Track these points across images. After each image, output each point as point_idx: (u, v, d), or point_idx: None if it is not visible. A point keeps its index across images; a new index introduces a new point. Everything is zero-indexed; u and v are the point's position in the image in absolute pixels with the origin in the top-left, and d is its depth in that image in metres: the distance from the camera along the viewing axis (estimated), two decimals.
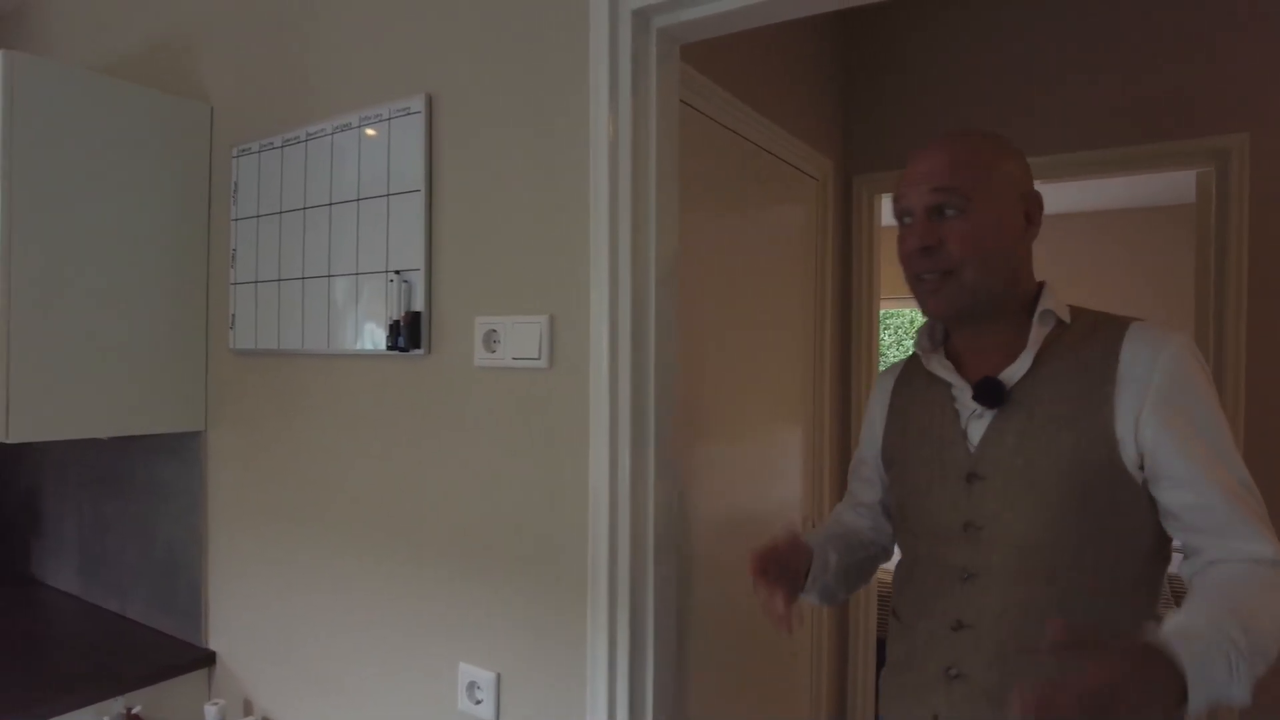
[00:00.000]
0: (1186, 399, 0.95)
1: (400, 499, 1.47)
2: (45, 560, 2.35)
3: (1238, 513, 0.93)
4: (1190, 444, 0.94)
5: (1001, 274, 1.03)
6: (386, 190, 1.45)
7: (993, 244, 1.02)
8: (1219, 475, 0.94)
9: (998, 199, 1.02)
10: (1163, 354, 0.96)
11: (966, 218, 1.01)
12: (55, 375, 1.61)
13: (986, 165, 1.03)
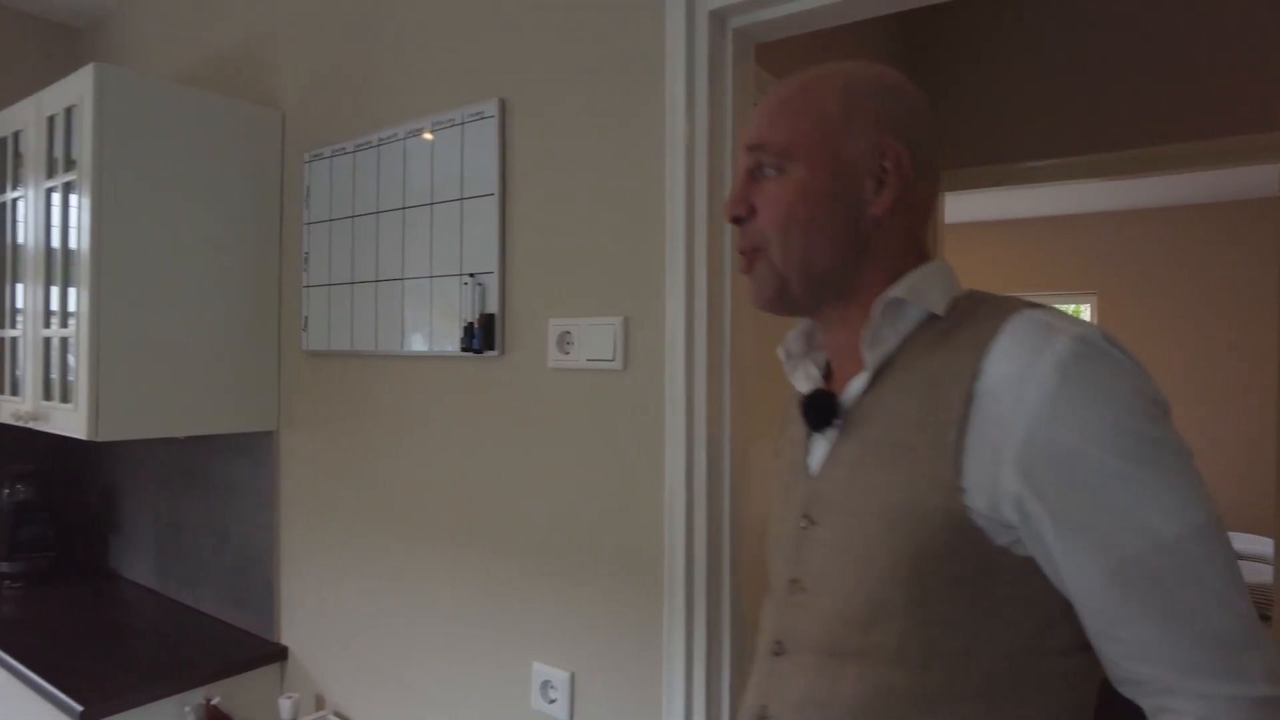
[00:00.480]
0: (1074, 437, 0.62)
1: (472, 499, 1.49)
2: (122, 554, 2.43)
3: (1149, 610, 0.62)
4: (1077, 513, 0.62)
5: (828, 252, 0.76)
6: (460, 194, 1.47)
7: (810, 213, 0.75)
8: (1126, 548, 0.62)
9: (831, 155, 0.75)
10: (1041, 363, 0.64)
11: (780, 180, 0.77)
12: (138, 377, 1.66)
13: (820, 111, 0.76)
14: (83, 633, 1.95)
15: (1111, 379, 0.63)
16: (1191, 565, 0.60)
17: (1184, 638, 0.61)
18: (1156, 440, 0.62)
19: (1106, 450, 0.61)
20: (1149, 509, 0.61)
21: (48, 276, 1.76)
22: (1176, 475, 0.62)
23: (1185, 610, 0.61)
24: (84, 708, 1.54)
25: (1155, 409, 0.63)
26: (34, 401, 1.79)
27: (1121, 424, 0.62)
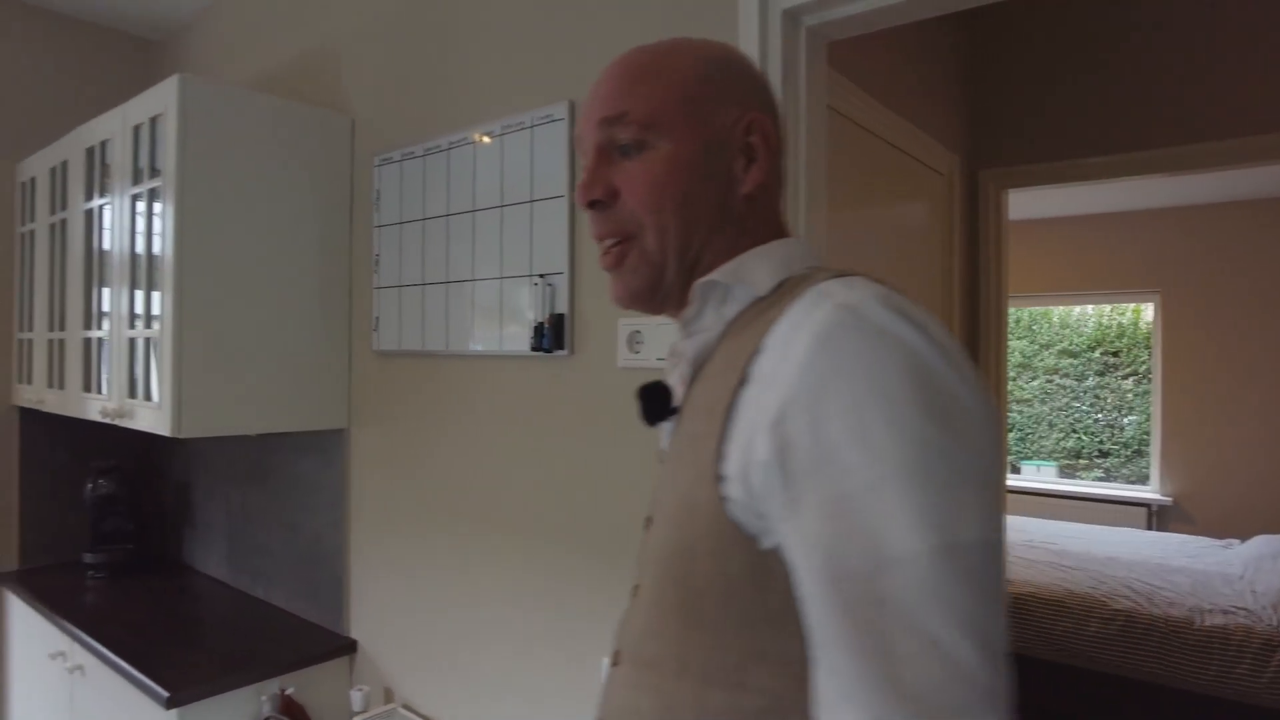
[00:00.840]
0: (822, 420, 0.52)
1: (542, 496, 1.51)
2: (195, 548, 2.51)
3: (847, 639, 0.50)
4: (808, 507, 0.52)
5: (703, 235, 0.68)
6: (530, 196, 1.49)
7: (683, 191, 0.67)
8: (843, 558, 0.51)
9: (700, 127, 0.67)
10: (800, 334, 0.55)
11: (645, 157, 0.68)
12: (217, 377, 1.72)
13: (682, 80, 0.68)
14: (162, 622, 2.02)
15: (876, 357, 0.52)
16: (918, 596, 0.48)
17: (874, 682, 0.49)
18: (919, 436, 0.50)
19: (851, 437, 0.51)
20: (881, 515, 0.49)
21: (132, 280, 1.83)
22: (935, 482, 0.49)
23: (884, 650, 0.48)
24: (170, 694, 1.60)
25: (934, 399, 0.51)
26: (119, 399, 1.86)
27: (874, 409, 0.51)
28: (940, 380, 0.52)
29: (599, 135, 0.70)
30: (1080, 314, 5.33)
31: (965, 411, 0.52)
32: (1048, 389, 5.39)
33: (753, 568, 0.57)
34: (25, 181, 2.40)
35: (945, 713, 0.47)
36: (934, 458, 0.50)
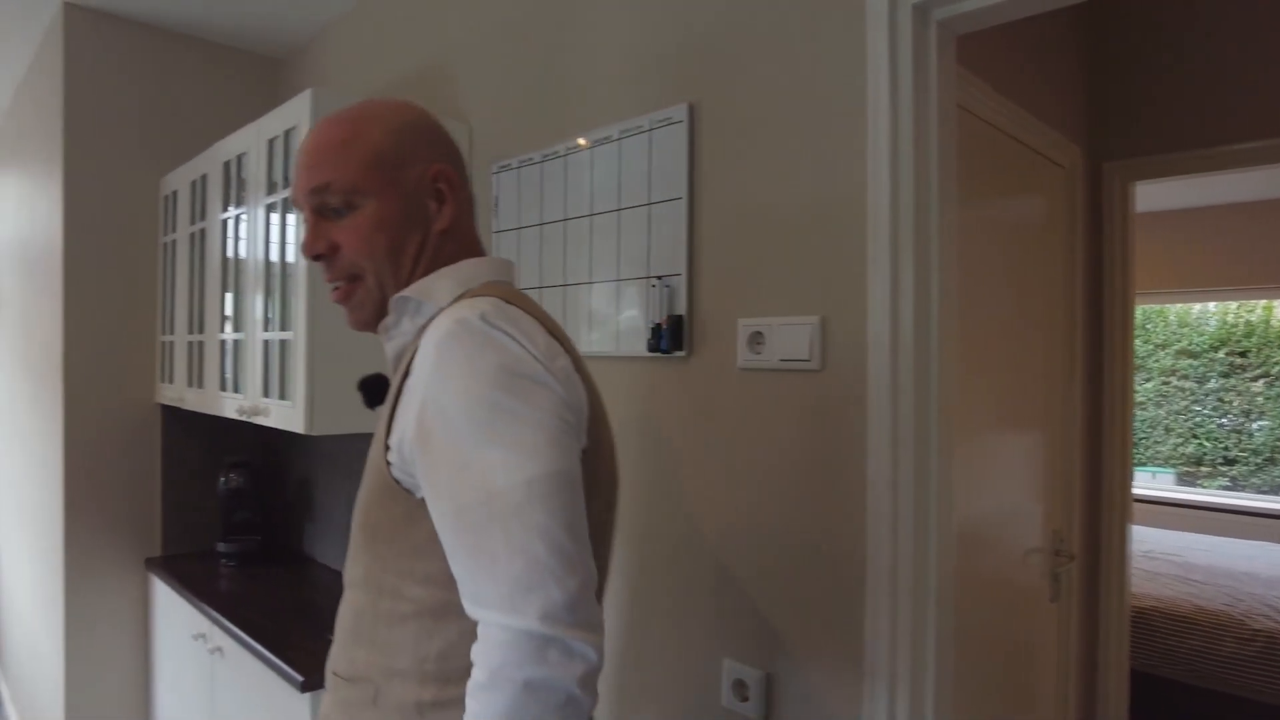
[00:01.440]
0: (438, 398, 0.76)
1: (659, 495, 1.52)
2: (315, 540, 2.64)
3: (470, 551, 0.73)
4: (436, 463, 0.76)
5: (409, 268, 0.89)
6: (648, 199, 1.50)
7: (391, 238, 0.87)
8: (461, 496, 0.73)
9: (395, 185, 0.87)
10: (430, 341, 0.79)
11: (355, 215, 0.87)
12: (342, 378, 1.80)
13: (373, 148, 0.87)
14: (290, 609, 2.13)
15: (475, 353, 0.76)
16: (506, 516, 0.71)
17: (485, 575, 0.72)
18: (505, 407, 0.74)
19: (461, 413, 0.75)
20: (483, 465, 0.73)
21: (266, 285, 1.94)
22: (516, 437, 0.73)
23: (490, 553, 0.72)
24: (304, 678, 1.68)
25: (514, 380, 0.75)
26: (255, 398, 1.97)
27: (474, 392, 0.75)
28: (515, 365, 0.76)
29: (312, 201, 0.88)
30: (1201, 311, 5.01)
31: (537, 386, 0.76)
32: (1164, 391, 5.09)
33: (408, 512, 0.82)
34: (168, 195, 2.58)
35: (526, 588, 0.70)
36: (509, 420, 0.74)
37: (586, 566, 0.74)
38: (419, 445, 0.77)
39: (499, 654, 0.70)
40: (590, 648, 0.71)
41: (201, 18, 2.58)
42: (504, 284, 0.91)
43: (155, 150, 2.64)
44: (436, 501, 0.76)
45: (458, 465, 0.74)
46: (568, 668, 0.70)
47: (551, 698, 0.69)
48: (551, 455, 0.74)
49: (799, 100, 1.30)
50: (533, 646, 0.69)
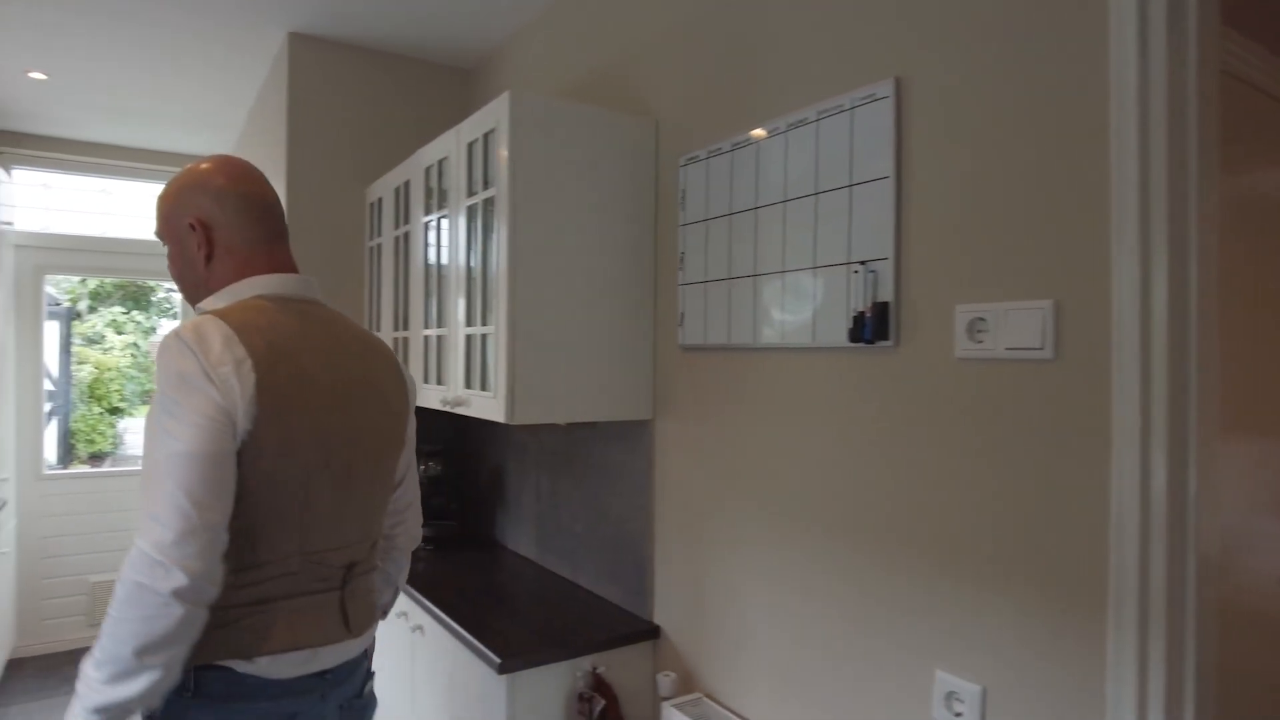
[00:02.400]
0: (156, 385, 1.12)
1: (862, 495, 1.44)
2: (507, 527, 2.75)
3: (141, 494, 1.06)
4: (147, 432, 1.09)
5: (197, 289, 1.28)
6: (849, 181, 1.43)
7: (179, 269, 1.29)
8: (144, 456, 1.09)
9: (173, 233, 1.28)
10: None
11: (168, 253, 1.30)
12: (541, 370, 1.85)
13: (166, 209, 1.28)
14: (484, 593, 2.23)
15: (168, 360, 1.09)
16: (153, 476, 1.04)
17: (141, 511, 1.04)
18: (171, 401, 1.06)
19: (155, 399, 1.09)
20: (153, 438, 1.06)
21: (468, 282, 2.03)
22: (171, 424, 1.05)
23: (145, 498, 1.04)
24: (501, 660, 1.75)
25: (182, 383, 1.07)
26: (458, 390, 2.07)
27: (160, 387, 1.09)
28: (183, 368, 1.07)
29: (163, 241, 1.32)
30: None
31: (195, 390, 1.06)
32: None
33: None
34: (373, 202, 2.78)
35: (149, 525, 1.01)
36: (172, 411, 1.06)
37: (192, 520, 1.02)
38: None
39: (129, 560, 1.02)
40: (181, 573, 1.00)
41: (401, 36, 2.76)
42: (252, 304, 1.21)
43: (361, 161, 2.85)
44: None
45: (148, 437, 1.08)
46: (165, 581, 1.00)
47: (152, 598, 1.00)
48: (190, 439, 1.05)
49: (1023, 67, 1.19)
50: (145, 562, 1.01)
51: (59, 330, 6.52)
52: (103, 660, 1.02)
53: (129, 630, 1.00)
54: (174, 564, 1.00)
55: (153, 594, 1.00)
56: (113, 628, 1.01)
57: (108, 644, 1.01)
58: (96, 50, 2.93)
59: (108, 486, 4.36)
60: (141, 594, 1.00)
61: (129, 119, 3.81)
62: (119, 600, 1.01)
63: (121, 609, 1.01)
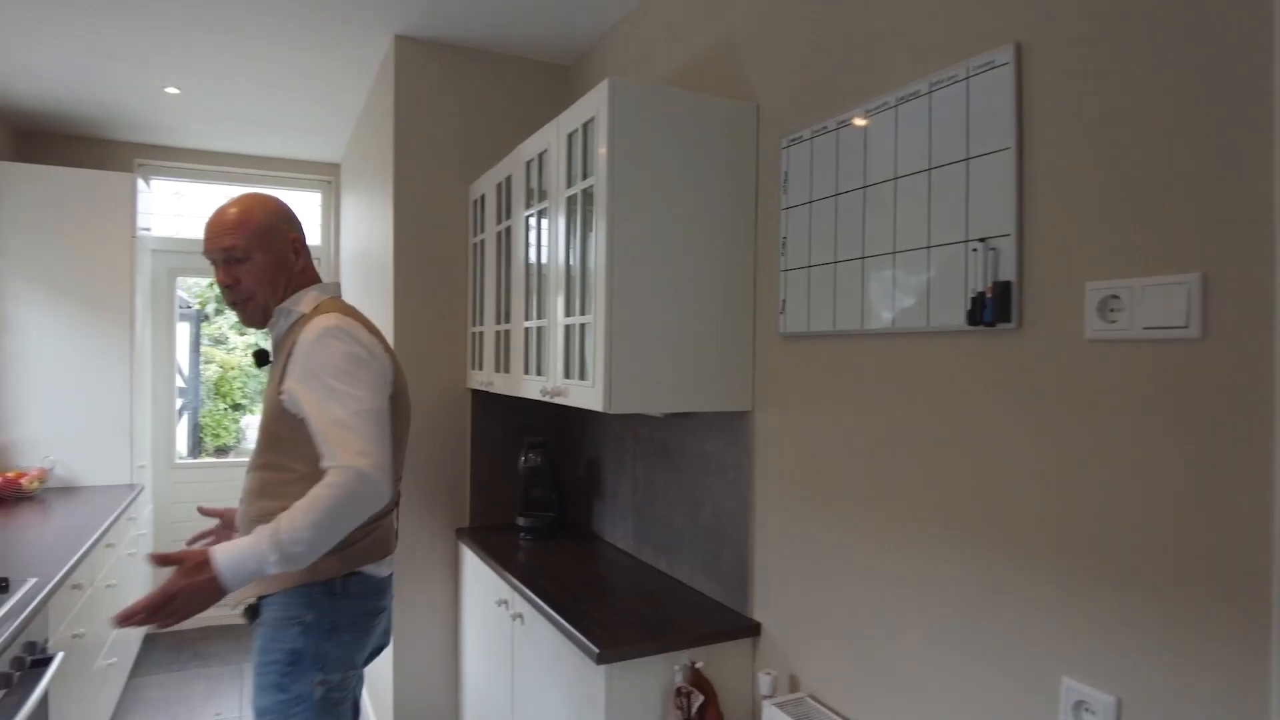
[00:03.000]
0: (310, 363, 1.52)
1: (980, 487, 1.36)
2: (604, 519, 2.75)
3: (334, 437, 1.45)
4: (307, 392, 1.50)
5: (281, 293, 1.68)
6: (965, 154, 1.35)
7: (272, 277, 1.66)
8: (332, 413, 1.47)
9: (270, 246, 1.66)
10: (309, 334, 1.55)
11: (250, 263, 1.64)
12: (639, 359, 1.83)
13: (258, 225, 1.64)
14: (582, 583, 2.23)
15: (327, 344, 1.53)
16: (353, 423, 1.46)
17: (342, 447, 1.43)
18: (346, 373, 1.51)
19: (327, 372, 1.50)
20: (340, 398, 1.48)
21: (567, 272, 2.04)
22: (352, 388, 1.49)
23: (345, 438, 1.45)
24: (600, 650, 1.74)
25: (345, 359, 1.52)
26: (557, 380, 2.08)
27: (332, 364, 1.51)
28: (347, 349, 1.53)
29: (222, 255, 1.64)
30: None
31: (364, 362, 1.55)
32: None
33: (292, 426, 1.55)
34: (476, 199, 2.84)
35: (361, 453, 1.42)
36: (345, 379, 1.49)
37: (388, 450, 1.50)
38: (300, 389, 1.50)
39: (338, 474, 1.40)
40: (384, 479, 1.43)
41: (501, 34, 2.81)
42: (337, 299, 1.72)
43: (464, 161, 2.92)
44: (316, 416, 1.47)
45: (327, 397, 1.47)
46: (383, 486, 1.43)
47: (373, 494, 1.42)
48: (371, 399, 1.51)
49: (1162, 18, 1.08)
50: (350, 473, 1.40)
51: (189, 331, 6.99)
52: (309, 539, 1.38)
53: (349, 516, 1.41)
54: (384, 476, 1.44)
55: (374, 493, 1.41)
56: (328, 518, 1.38)
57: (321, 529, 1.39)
58: (223, 65, 3.11)
59: (232, 475, 4.63)
60: (359, 491, 1.40)
61: (251, 129, 4.04)
62: (334, 506, 1.38)
63: (336, 510, 1.39)
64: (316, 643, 1.56)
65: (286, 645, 1.55)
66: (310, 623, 1.56)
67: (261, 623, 1.59)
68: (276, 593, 1.57)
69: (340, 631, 1.59)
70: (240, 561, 1.37)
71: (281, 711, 1.53)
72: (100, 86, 3.40)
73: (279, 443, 1.58)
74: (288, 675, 1.54)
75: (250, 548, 1.37)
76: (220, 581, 1.37)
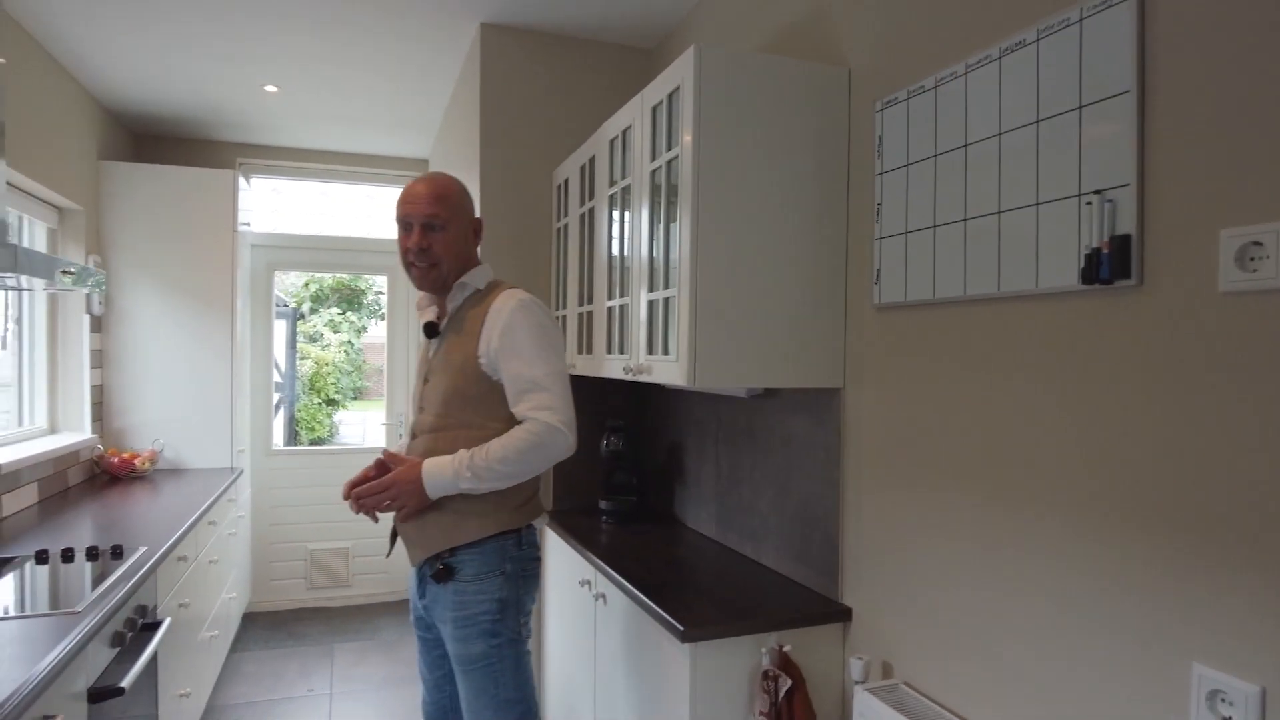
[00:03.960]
0: (512, 331, 1.71)
1: (1094, 462, 1.26)
2: (685, 504, 2.71)
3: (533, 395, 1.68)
4: (509, 355, 1.70)
5: (463, 264, 1.85)
6: (1078, 103, 1.26)
7: (459, 248, 1.82)
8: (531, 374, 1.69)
9: (462, 221, 1.83)
10: (508, 306, 1.73)
11: (444, 232, 1.79)
12: (724, 333, 1.79)
13: (454, 200, 1.81)
14: (666, 566, 2.20)
15: (529, 313, 1.73)
16: (550, 383, 1.69)
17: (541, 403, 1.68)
18: (544, 340, 1.71)
19: (527, 340, 1.70)
20: (539, 362, 1.69)
21: (651, 248, 2.01)
22: (548, 354, 1.71)
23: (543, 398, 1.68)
24: (684, 628, 1.70)
25: (546, 325, 1.74)
26: (640, 357, 2.06)
27: (533, 332, 1.71)
28: (543, 320, 1.75)
29: (424, 220, 1.77)
30: None
31: (552, 331, 1.77)
32: None
33: (490, 387, 1.74)
34: (560, 184, 2.85)
35: (555, 410, 1.67)
36: (544, 346, 1.72)
37: (571, 410, 1.70)
38: (502, 352, 1.70)
39: (541, 428, 1.65)
40: (571, 435, 1.68)
41: (584, 18, 2.82)
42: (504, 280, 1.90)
43: (547, 146, 2.94)
44: (514, 377, 1.69)
45: (529, 360, 1.68)
46: (569, 437, 1.68)
47: (562, 442, 1.67)
48: (560, 363, 1.72)
49: None
50: (560, 429, 1.65)
51: (285, 329, 7.30)
52: (500, 471, 1.64)
53: (537, 459, 1.65)
54: (572, 431, 1.67)
55: (563, 444, 1.66)
56: (518, 456, 1.63)
57: (509, 464, 1.64)
58: (319, 60, 3.22)
59: (326, 464, 4.79)
60: (554, 441, 1.64)
61: (343, 126, 4.18)
62: (526, 447, 1.63)
63: (527, 451, 1.63)
64: (515, 589, 1.74)
65: (494, 595, 1.71)
66: (509, 572, 1.73)
67: (460, 579, 1.72)
68: (470, 549, 1.72)
69: (528, 578, 1.79)
70: (439, 472, 1.66)
71: (495, 654, 1.71)
72: (206, 88, 3.56)
73: (471, 403, 1.74)
74: (498, 621, 1.71)
75: (449, 464, 1.66)
76: (423, 484, 1.66)
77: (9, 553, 2.24)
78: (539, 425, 1.64)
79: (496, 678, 1.72)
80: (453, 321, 1.83)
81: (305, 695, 3.51)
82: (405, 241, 1.79)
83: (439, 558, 1.73)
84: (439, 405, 1.77)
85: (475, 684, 1.72)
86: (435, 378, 1.81)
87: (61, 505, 2.94)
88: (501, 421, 1.72)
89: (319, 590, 4.71)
